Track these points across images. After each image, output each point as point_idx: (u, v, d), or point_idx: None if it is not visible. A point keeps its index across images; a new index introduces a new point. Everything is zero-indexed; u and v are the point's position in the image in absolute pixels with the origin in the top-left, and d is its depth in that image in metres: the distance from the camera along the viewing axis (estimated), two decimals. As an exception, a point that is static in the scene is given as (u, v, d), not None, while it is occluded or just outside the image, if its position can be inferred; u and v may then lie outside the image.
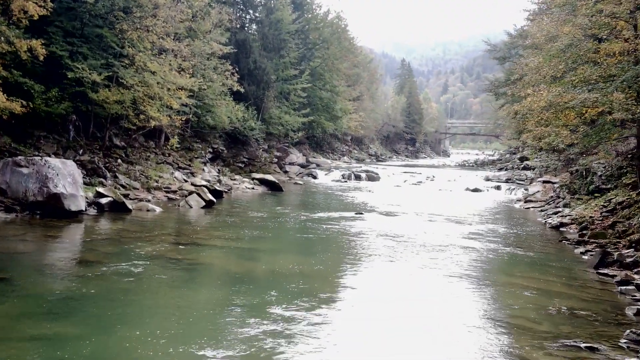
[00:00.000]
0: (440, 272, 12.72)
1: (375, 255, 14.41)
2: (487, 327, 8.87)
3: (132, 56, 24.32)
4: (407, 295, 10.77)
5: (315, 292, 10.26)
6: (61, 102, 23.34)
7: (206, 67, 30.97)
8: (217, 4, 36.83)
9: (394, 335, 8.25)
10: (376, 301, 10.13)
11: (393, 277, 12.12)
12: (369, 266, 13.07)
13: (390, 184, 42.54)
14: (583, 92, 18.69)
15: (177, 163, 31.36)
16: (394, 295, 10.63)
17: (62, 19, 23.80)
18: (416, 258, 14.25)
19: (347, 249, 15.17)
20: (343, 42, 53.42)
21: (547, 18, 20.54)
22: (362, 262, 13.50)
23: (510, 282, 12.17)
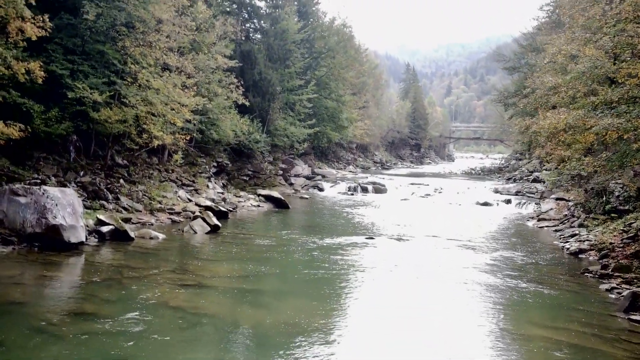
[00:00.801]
0: (459, 323, 11.90)
1: (388, 299, 13.60)
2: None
3: (135, 73, 23.56)
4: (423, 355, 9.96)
5: (326, 354, 9.45)
6: (61, 122, 22.58)
7: (211, 81, 30.19)
8: (221, 14, 36.12)
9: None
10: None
11: (409, 331, 11.29)
12: (383, 314, 12.24)
13: (398, 196, 41.66)
14: (606, 117, 17.86)
15: (181, 180, 30.59)
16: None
17: (62, 36, 23.03)
18: (432, 304, 13.44)
19: (359, 290, 14.37)
20: (349, 51, 52.60)
21: (564, 37, 19.59)
22: (375, 307, 12.69)
23: (534, 335, 11.31)
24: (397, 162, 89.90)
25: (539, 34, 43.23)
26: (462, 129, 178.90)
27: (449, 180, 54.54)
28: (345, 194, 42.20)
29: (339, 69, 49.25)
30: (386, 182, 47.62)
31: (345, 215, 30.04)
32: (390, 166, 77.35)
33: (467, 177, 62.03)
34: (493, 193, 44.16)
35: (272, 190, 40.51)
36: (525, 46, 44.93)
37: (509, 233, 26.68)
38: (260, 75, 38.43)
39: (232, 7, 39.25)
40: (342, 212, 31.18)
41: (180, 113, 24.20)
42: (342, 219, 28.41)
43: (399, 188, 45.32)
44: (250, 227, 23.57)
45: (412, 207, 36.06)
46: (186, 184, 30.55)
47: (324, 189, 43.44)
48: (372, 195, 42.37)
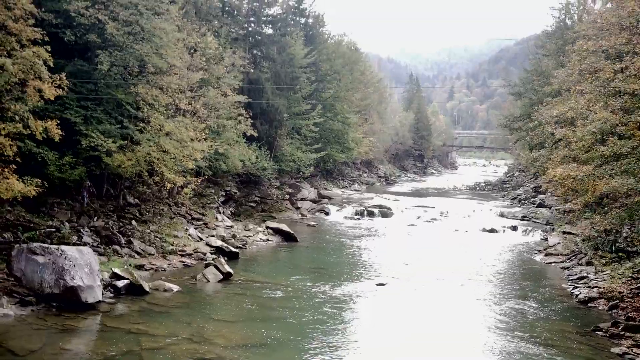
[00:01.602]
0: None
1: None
2: None
3: (148, 118, 23.80)
4: None
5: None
6: (75, 167, 22.82)
7: (220, 115, 30.44)
8: (229, 43, 36.38)
9: None
10: None
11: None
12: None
13: (404, 221, 41.79)
14: (616, 175, 18.07)
15: (190, 214, 30.83)
16: None
17: (75, 82, 23.25)
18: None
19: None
20: (354, 73, 52.79)
21: (574, 93, 19.73)
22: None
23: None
24: (401, 175, 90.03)
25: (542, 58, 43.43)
26: (465, 135, 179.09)
27: (454, 199, 54.66)
28: (351, 218, 42.35)
29: (344, 91, 49.49)
30: (392, 204, 47.77)
31: (353, 250, 30.22)
32: (395, 180, 77.49)
33: (471, 194, 62.16)
34: (499, 217, 44.31)
35: (280, 214, 40.72)
36: (531, 71, 45.14)
37: (517, 273, 26.85)
38: (267, 104, 38.69)
39: (240, 33, 39.51)
40: (349, 245, 31.35)
41: (192, 157, 24.42)
42: (351, 256, 28.60)
43: (405, 211, 45.47)
44: (260, 271, 23.74)
45: (419, 236, 36.21)
46: (196, 217, 30.79)
47: (330, 213, 43.60)
48: (379, 220, 42.50)
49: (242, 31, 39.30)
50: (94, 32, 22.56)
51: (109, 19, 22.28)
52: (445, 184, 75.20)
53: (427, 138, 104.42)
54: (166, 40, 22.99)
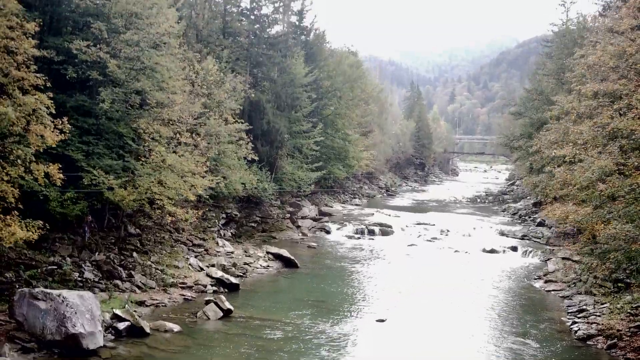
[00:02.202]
0: None
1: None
2: None
3: (149, 152, 23.93)
4: None
5: None
6: (77, 203, 22.96)
7: (220, 141, 30.56)
8: (230, 65, 36.52)
9: None
10: None
11: None
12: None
13: (405, 240, 41.88)
14: (614, 219, 18.17)
15: (191, 240, 30.98)
16: None
17: (77, 117, 23.40)
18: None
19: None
20: (355, 90, 52.91)
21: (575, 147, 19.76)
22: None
23: None
24: (402, 184, 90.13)
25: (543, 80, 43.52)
26: (466, 140, 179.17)
27: (454, 215, 54.65)
28: (352, 237, 42.44)
29: (345, 109, 49.60)
30: (392, 221, 47.85)
31: (353, 277, 30.32)
32: (395, 191, 77.55)
33: (471, 208, 62.16)
34: (499, 236, 44.37)
35: (281, 234, 40.81)
36: (531, 91, 45.24)
37: (518, 304, 26.92)
38: (268, 125, 38.84)
39: (241, 53, 39.63)
40: (349, 272, 31.43)
41: (193, 190, 24.55)
42: (350, 285, 28.69)
43: (406, 229, 45.56)
44: (260, 305, 23.76)
45: (419, 259, 36.23)
46: (196, 244, 30.93)
47: (331, 231, 43.70)
48: (379, 239, 42.57)
49: (243, 51, 39.42)
50: (95, 69, 22.69)
51: (110, 56, 22.42)
52: (446, 195, 75.21)
53: (428, 146, 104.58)
54: (167, 76, 23.10)
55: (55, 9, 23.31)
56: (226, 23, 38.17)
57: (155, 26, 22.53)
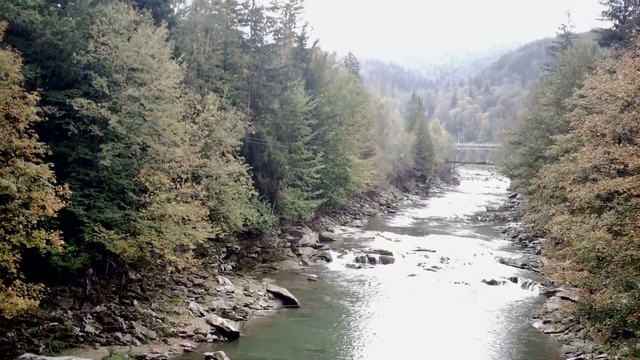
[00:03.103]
0: None
1: None
2: None
3: (150, 203, 24.11)
4: None
5: None
6: (78, 255, 23.17)
7: (221, 183, 30.73)
8: (230, 100, 36.69)
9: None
10: None
11: None
12: None
13: (405, 269, 42.00)
14: (614, 290, 18.31)
15: (192, 280, 31.16)
16: None
17: (78, 169, 23.61)
18: None
19: None
20: (356, 115, 53.07)
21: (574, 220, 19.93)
22: None
23: None
24: (403, 198, 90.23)
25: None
26: (468, 148, 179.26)
27: (455, 238, 54.66)
28: (352, 266, 42.55)
29: (346, 135, 49.74)
30: (393, 247, 48.03)
31: (353, 318, 30.38)
32: (396, 207, 77.61)
33: (472, 229, 62.17)
34: (499, 264, 44.53)
35: (281, 263, 40.94)
36: (530, 120, 45.40)
37: (516, 349, 27.00)
38: (269, 157, 39.02)
39: (241, 84, 39.80)
40: (350, 311, 31.50)
41: (193, 239, 24.72)
42: (350, 328, 28.77)
43: (406, 256, 45.70)
44: (259, 358, 23.88)
45: (420, 292, 36.34)
46: (197, 283, 31.09)
47: (332, 259, 43.82)
48: (380, 268, 42.70)
49: (243, 83, 39.60)
50: (96, 124, 22.88)
51: (111, 112, 22.61)
52: (447, 211, 75.16)
53: (429, 158, 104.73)
54: (169, 130, 23.27)
55: (57, 63, 23.48)
56: (227, 56, 38.33)
57: (157, 82, 22.69)
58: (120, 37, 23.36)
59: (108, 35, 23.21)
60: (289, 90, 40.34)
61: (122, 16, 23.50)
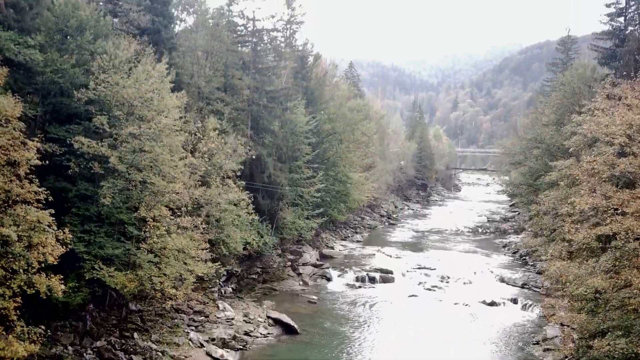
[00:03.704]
0: None
1: None
2: None
3: (150, 237, 24.20)
4: None
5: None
6: (79, 291, 23.28)
7: (221, 210, 30.81)
8: (231, 123, 36.80)
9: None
10: None
11: None
12: None
13: (406, 289, 42.05)
14: (612, 334, 18.37)
15: (192, 307, 31.23)
16: None
17: (79, 205, 23.71)
18: None
19: None
20: (356, 133, 53.16)
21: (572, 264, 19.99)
22: None
23: None
24: (404, 207, 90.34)
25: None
26: (469, 153, 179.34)
27: (455, 254, 54.56)
28: (352, 286, 42.62)
29: (346, 153, 49.82)
30: (393, 264, 48.10)
31: (353, 345, 30.45)
32: (397, 219, 77.58)
33: (473, 243, 62.08)
34: (499, 283, 44.54)
35: (281, 283, 41.04)
36: (530, 139, 45.49)
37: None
38: (269, 178, 39.11)
39: (243, 106, 39.90)
40: (350, 338, 31.56)
41: (193, 272, 24.83)
42: (351, 356, 28.86)
43: (407, 274, 45.79)
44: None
45: (420, 313, 36.49)
46: (197, 310, 31.19)
47: (332, 278, 43.87)
48: (380, 287, 42.77)
49: (244, 104, 39.71)
50: (97, 161, 22.98)
51: (111, 148, 22.71)
52: (447, 222, 75.07)
53: (430, 167, 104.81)
54: (168, 166, 23.37)
55: (57, 99, 23.59)
56: (227, 78, 38.44)
57: (157, 120, 22.80)
58: (120, 73, 23.46)
59: (108, 72, 23.31)
60: (289, 111, 40.43)
61: (122, 52, 23.58)
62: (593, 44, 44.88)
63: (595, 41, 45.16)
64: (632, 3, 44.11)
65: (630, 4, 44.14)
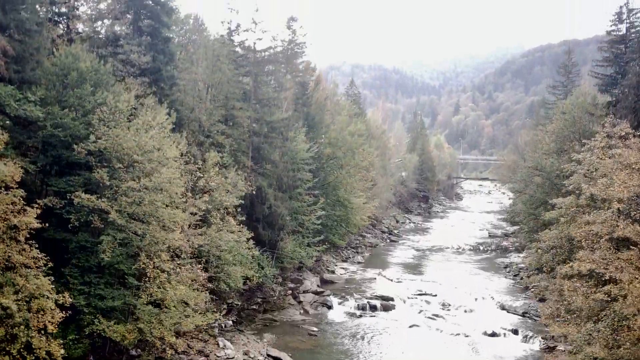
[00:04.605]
0: None
1: None
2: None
3: (150, 286, 24.26)
4: None
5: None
6: (79, 342, 23.35)
7: (220, 249, 30.89)
8: (232, 157, 36.87)
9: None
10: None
11: None
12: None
13: (406, 318, 42.01)
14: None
15: (192, 346, 31.20)
16: None
17: (79, 256, 23.79)
18: None
19: None
20: (357, 158, 53.23)
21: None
22: None
23: None
24: (405, 221, 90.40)
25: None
26: (470, 160, 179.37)
27: (457, 276, 54.52)
28: (353, 315, 42.64)
29: (347, 178, 49.88)
30: (394, 290, 48.12)
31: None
32: (399, 234, 77.57)
33: (474, 263, 62.08)
34: (500, 310, 44.56)
35: (282, 313, 41.09)
36: (531, 167, 45.56)
37: None
38: (270, 209, 39.17)
39: (243, 137, 39.99)
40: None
41: (193, 321, 24.89)
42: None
43: (407, 301, 45.80)
44: None
45: (420, 346, 36.50)
46: (198, 350, 31.14)
47: (333, 306, 43.88)
48: (381, 316, 42.74)
49: (245, 135, 39.79)
50: (96, 214, 23.04)
51: (111, 202, 22.77)
52: (448, 239, 75.07)
53: (431, 179, 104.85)
54: (168, 220, 23.43)
55: (58, 151, 23.65)
56: (228, 110, 38.51)
57: (157, 174, 22.86)
58: (120, 126, 23.52)
59: (109, 124, 23.38)
60: (290, 141, 40.51)
61: (122, 105, 23.65)
62: (593, 70, 44.98)
63: (595, 68, 45.27)
64: (632, 30, 44.26)
65: (631, 31, 44.27)
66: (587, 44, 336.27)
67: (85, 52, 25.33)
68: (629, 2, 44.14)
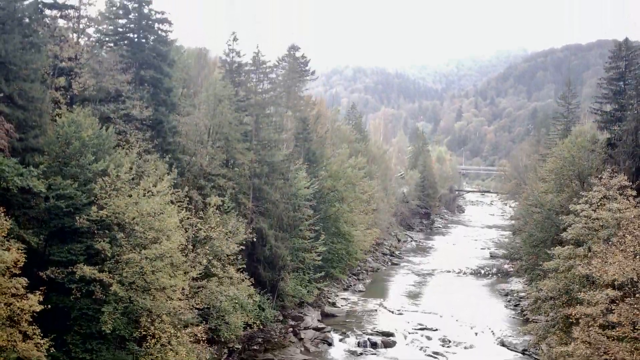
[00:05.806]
0: None
1: None
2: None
3: (152, 352, 24.52)
4: None
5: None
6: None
7: (222, 302, 31.13)
8: (233, 202, 37.12)
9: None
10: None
11: None
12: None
13: (407, 357, 42.20)
14: None
15: (193, 397, 31.51)
16: None
17: (81, 323, 24.06)
18: None
19: None
20: (357, 190, 53.43)
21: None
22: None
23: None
24: (407, 239, 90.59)
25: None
26: (472, 171, 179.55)
27: (458, 307, 54.65)
28: (354, 353, 42.82)
29: (348, 212, 50.12)
30: (395, 323, 48.29)
31: None
32: (400, 255, 77.73)
33: (475, 287, 62.27)
34: (500, 347, 44.71)
35: (283, 352, 41.21)
36: (531, 204, 45.75)
37: None
38: (270, 251, 39.44)
39: (244, 178, 40.26)
40: None
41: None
42: None
43: (408, 337, 45.97)
44: None
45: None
46: (199, 401, 31.47)
47: (333, 343, 44.07)
48: (382, 352, 42.93)
49: (245, 178, 40.08)
50: (97, 284, 23.30)
51: (112, 275, 23.05)
52: (450, 261, 75.16)
53: (432, 195, 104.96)
54: (169, 290, 23.69)
55: (60, 221, 23.92)
56: (229, 152, 38.80)
57: (157, 245, 23.14)
58: (121, 194, 23.79)
59: (110, 194, 23.65)
60: (290, 180, 40.78)
61: (124, 175, 23.93)
62: (592, 107, 45.13)
63: (594, 104, 45.42)
64: (632, 68, 44.42)
65: (630, 69, 44.44)
66: (589, 49, 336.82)
67: (87, 116, 25.56)
68: (627, 39, 44.33)
